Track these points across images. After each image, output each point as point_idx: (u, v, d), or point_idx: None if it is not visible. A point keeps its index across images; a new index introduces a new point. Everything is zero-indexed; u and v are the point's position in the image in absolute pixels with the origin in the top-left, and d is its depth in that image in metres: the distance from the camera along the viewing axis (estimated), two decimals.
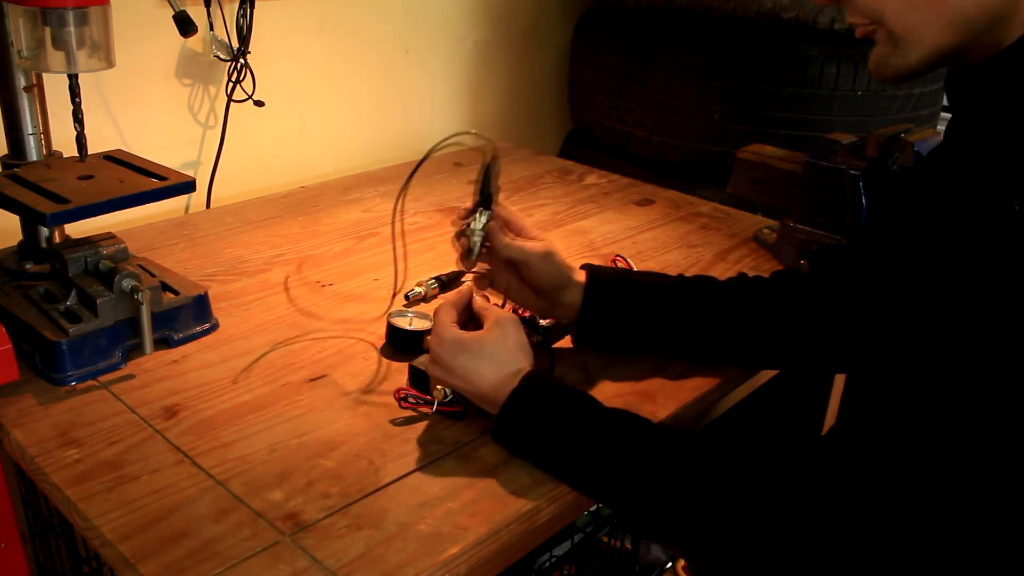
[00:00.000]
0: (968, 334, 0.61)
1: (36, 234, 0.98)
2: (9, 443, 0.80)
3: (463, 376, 0.79)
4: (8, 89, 0.92)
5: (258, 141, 1.50)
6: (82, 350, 0.87)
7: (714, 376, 0.93)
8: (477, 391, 0.79)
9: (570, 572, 1.31)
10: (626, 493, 0.73)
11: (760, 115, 1.55)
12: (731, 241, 1.30)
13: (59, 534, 0.95)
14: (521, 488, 0.74)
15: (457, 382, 0.80)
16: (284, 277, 1.12)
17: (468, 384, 0.79)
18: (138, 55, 1.31)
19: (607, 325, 0.92)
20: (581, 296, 0.90)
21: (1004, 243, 0.59)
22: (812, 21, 1.49)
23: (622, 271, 0.95)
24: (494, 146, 0.85)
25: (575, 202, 1.44)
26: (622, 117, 1.71)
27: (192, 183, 0.95)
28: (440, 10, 1.75)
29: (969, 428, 0.60)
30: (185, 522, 0.69)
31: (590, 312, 0.91)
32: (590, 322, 0.91)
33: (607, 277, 0.92)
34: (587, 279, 0.91)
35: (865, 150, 1.15)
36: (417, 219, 1.34)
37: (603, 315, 0.91)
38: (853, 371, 0.84)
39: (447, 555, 0.67)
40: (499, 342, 0.80)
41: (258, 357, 0.93)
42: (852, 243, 0.92)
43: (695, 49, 1.57)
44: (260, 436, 0.80)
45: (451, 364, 0.80)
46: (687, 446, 0.71)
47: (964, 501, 0.61)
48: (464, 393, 0.81)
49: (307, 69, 1.54)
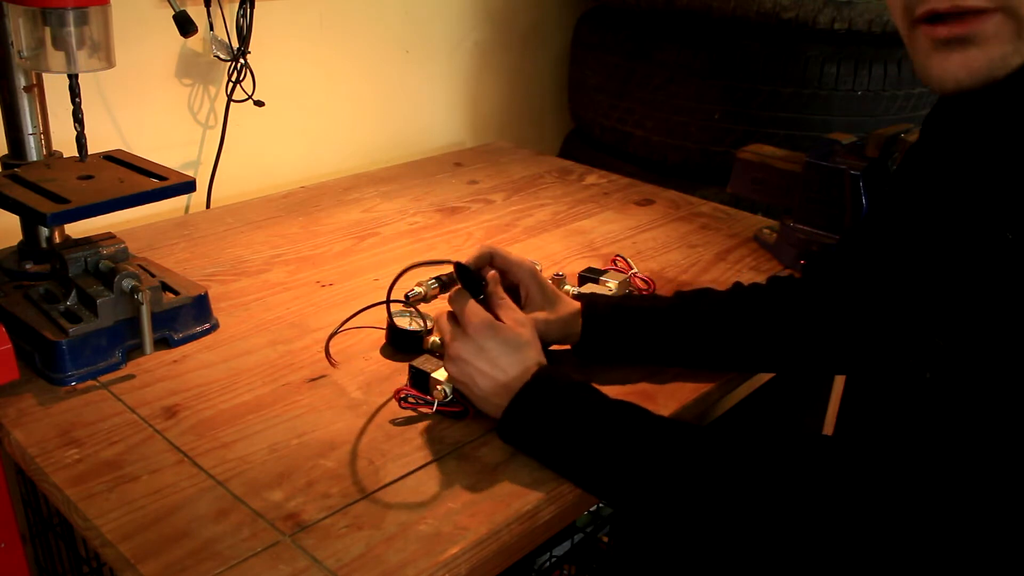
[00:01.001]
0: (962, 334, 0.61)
1: (36, 234, 0.98)
2: (9, 443, 0.80)
3: (492, 360, 0.77)
4: (8, 89, 0.92)
5: (258, 141, 1.50)
6: (82, 350, 0.87)
7: (714, 376, 0.93)
8: (495, 382, 0.77)
9: (570, 572, 1.31)
10: (632, 488, 0.72)
11: (760, 115, 1.55)
12: (731, 241, 1.30)
13: (59, 534, 0.95)
14: (521, 488, 0.74)
15: (482, 364, 0.77)
16: (283, 277, 1.13)
17: (491, 369, 0.77)
18: (138, 55, 1.31)
19: (607, 352, 0.92)
20: (578, 323, 0.90)
21: (996, 268, 0.59)
22: (812, 21, 1.49)
23: (619, 299, 0.93)
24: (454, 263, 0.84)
25: (575, 202, 1.44)
26: (622, 117, 1.71)
27: (192, 183, 0.95)
28: (440, 10, 1.75)
29: (967, 427, 0.60)
30: (185, 522, 0.69)
31: (590, 341, 0.91)
32: (590, 349, 0.91)
33: (605, 307, 0.91)
34: (584, 310, 0.90)
35: (865, 150, 1.15)
36: (417, 219, 1.34)
37: (603, 343, 0.91)
38: (852, 372, 0.84)
39: (447, 555, 0.67)
40: (530, 341, 0.79)
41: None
42: (842, 245, 0.91)
43: (695, 49, 1.57)
44: (260, 436, 0.80)
45: (483, 344, 0.77)
46: (694, 441, 0.71)
47: (962, 500, 0.61)
48: (478, 381, 0.78)
49: (307, 69, 1.54)
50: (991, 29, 0.57)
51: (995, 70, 0.58)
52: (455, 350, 0.79)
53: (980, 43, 0.58)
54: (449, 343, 0.80)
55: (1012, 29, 0.57)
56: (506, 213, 1.38)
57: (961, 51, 0.59)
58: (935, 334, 0.63)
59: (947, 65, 0.60)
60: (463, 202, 1.43)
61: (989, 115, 0.64)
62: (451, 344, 0.79)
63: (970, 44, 0.58)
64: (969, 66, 0.59)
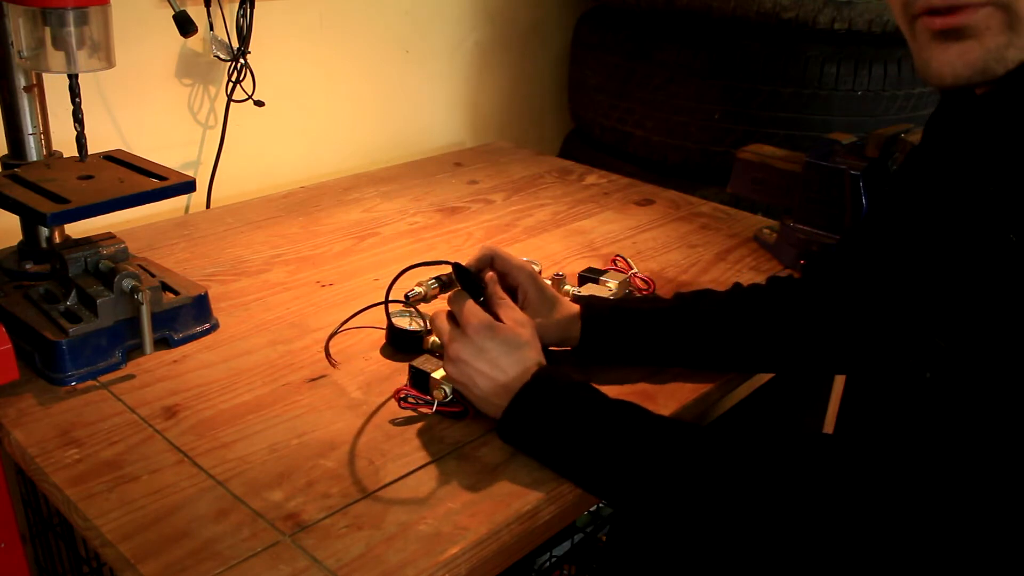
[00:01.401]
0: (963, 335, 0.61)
1: (36, 234, 0.98)
2: (9, 443, 0.80)
3: (492, 360, 0.77)
4: (8, 89, 0.92)
5: (258, 141, 1.50)
6: (82, 350, 0.87)
7: (714, 376, 0.93)
8: (495, 382, 0.77)
9: (570, 572, 1.31)
10: (633, 487, 0.72)
11: (760, 115, 1.55)
12: (731, 241, 1.30)
13: (59, 534, 0.95)
14: (521, 488, 0.74)
15: (482, 365, 0.77)
16: (283, 277, 1.13)
17: (491, 370, 0.77)
18: (138, 55, 1.31)
19: (607, 353, 0.92)
20: (577, 326, 0.90)
21: (998, 269, 0.59)
22: (812, 21, 1.49)
23: (618, 301, 0.94)
24: (452, 264, 0.84)
25: (575, 202, 1.44)
26: (622, 117, 1.71)
27: (192, 183, 0.95)
28: (440, 10, 1.75)
29: (967, 427, 0.60)
30: (185, 522, 0.69)
31: (589, 343, 0.91)
32: (590, 351, 0.91)
33: (603, 309, 0.91)
34: (583, 312, 0.90)
35: (865, 150, 1.15)
36: (417, 219, 1.34)
37: (602, 345, 0.91)
38: (852, 372, 0.85)
39: (447, 555, 0.67)
40: (529, 341, 0.79)
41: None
42: (842, 243, 0.91)
43: (695, 49, 1.57)
44: (260, 436, 0.80)
45: (483, 345, 0.77)
46: (694, 440, 0.71)
47: (962, 499, 0.61)
48: (477, 381, 0.78)
49: (307, 69, 1.54)
50: (983, 21, 0.59)
51: (991, 62, 0.60)
52: (454, 351, 0.78)
53: (975, 35, 0.59)
54: (448, 344, 0.79)
55: (1003, 20, 0.58)
56: (506, 213, 1.38)
57: (958, 43, 0.60)
58: (936, 334, 0.63)
59: (945, 57, 0.61)
60: (463, 202, 1.43)
61: (991, 115, 0.64)
62: (450, 345, 0.79)
63: (965, 36, 0.60)
64: (965, 58, 0.60)
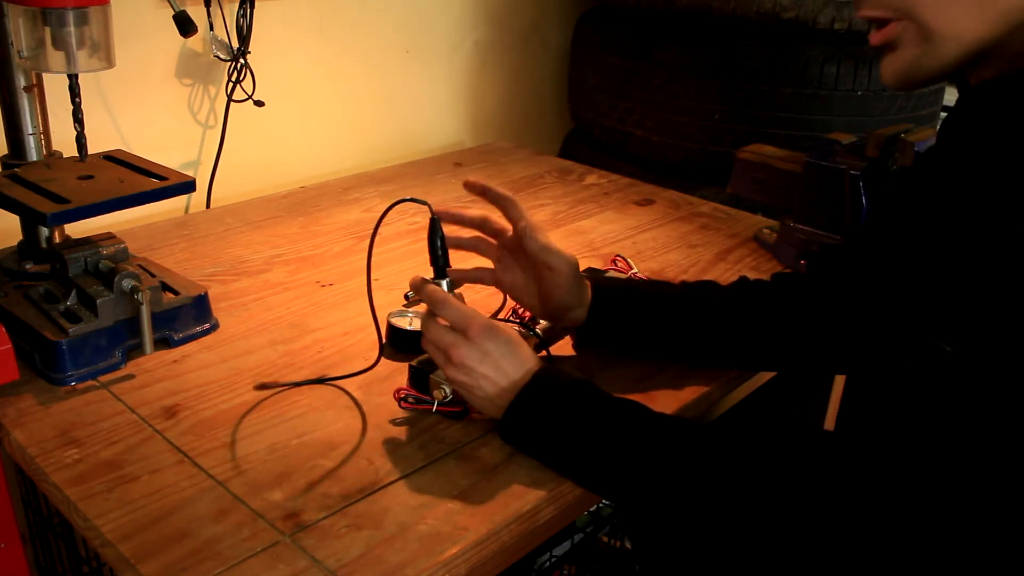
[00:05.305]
0: (968, 335, 0.61)
1: (36, 234, 0.98)
2: (9, 443, 0.80)
3: (495, 363, 0.76)
4: (8, 89, 0.92)
5: (258, 141, 1.50)
6: (82, 350, 0.87)
7: (714, 376, 0.93)
8: (498, 386, 0.76)
9: (570, 572, 1.31)
10: (635, 485, 0.72)
11: (760, 115, 1.55)
12: (731, 241, 1.30)
13: (59, 534, 0.95)
14: (521, 488, 0.74)
15: (487, 370, 0.76)
16: (283, 277, 1.13)
17: (495, 373, 0.76)
18: (138, 55, 1.31)
19: (611, 333, 0.91)
20: (586, 309, 0.90)
21: (1006, 261, 0.59)
22: (812, 21, 1.49)
23: (627, 281, 0.93)
24: (432, 210, 0.82)
25: (575, 202, 1.44)
26: (622, 117, 1.71)
27: (192, 183, 0.95)
28: (440, 10, 1.75)
29: (969, 427, 0.60)
30: (185, 522, 0.69)
31: (595, 321, 0.90)
32: (594, 330, 0.91)
33: (613, 288, 0.91)
34: (592, 289, 0.90)
35: (865, 150, 1.15)
36: (417, 219, 1.34)
37: (607, 324, 0.91)
38: (854, 371, 0.84)
39: (447, 555, 0.67)
40: (521, 339, 0.79)
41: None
42: (848, 243, 0.91)
43: (695, 49, 1.57)
44: (260, 436, 0.80)
45: (485, 347, 0.76)
46: (696, 438, 0.71)
47: (963, 498, 0.61)
48: (483, 385, 0.77)
49: (307, 69, 1.54)
50: (897, 34, 0.65)
51: (913, 71, 0.66)
52: (459, 357, 0.77)
53: (897, 47, 0.66)
54: (451, 350, 0.77)
55: (917, 33, 0.64)
56: None
57: (889, 54, 0.68)
58: (940, 335, 0.63)
59: (883, 67, 0.69)
60: (463, 202, 1.43)
61: (998, 115, 0.64)
62: (455, 352, 0.77)
63: (888, 49, 0.67)
64: (893, 67, 0.67)
